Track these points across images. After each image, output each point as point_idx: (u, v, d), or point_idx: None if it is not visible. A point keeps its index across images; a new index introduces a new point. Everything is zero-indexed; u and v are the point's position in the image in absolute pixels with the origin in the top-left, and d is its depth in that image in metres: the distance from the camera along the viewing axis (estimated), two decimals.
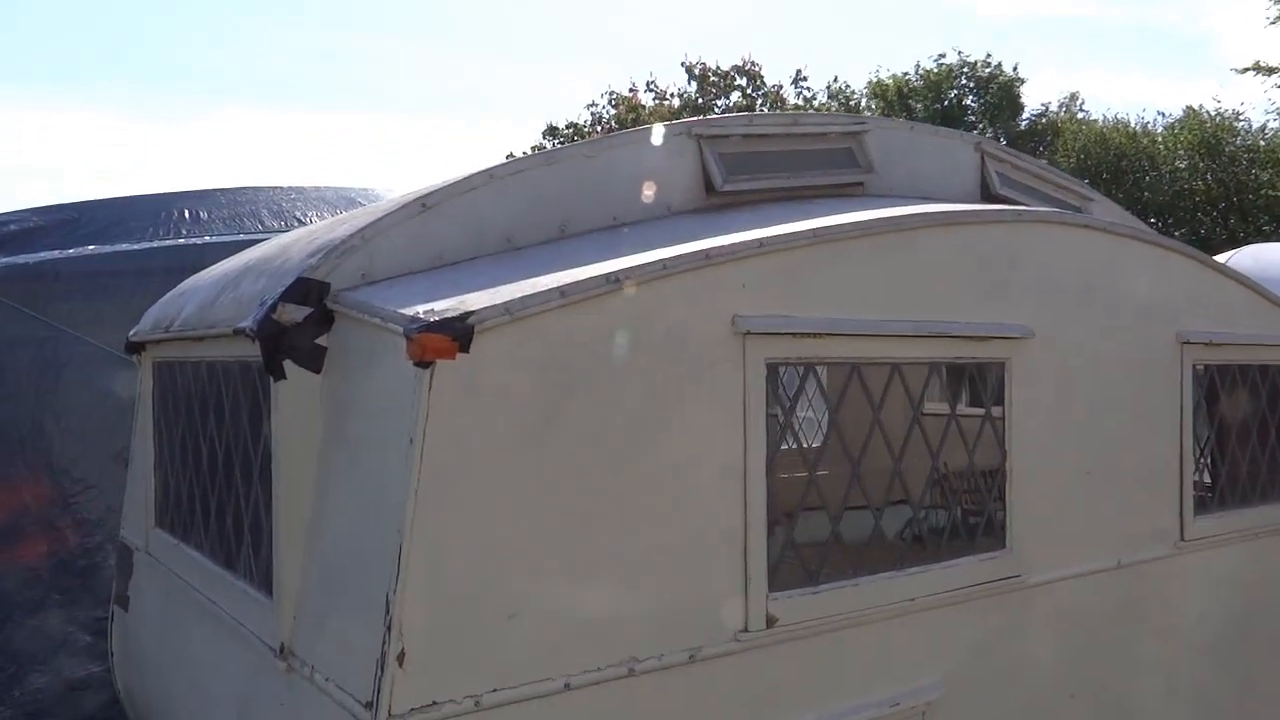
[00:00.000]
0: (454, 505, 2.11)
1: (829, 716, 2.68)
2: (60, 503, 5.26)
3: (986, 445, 3.08)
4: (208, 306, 3.14)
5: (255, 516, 2.79)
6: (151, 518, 3.79)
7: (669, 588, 2.40)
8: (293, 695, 2.46)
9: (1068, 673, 3.28)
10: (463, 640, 2.12)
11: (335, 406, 2.48)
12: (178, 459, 3.52)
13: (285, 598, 2.52)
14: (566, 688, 2.24)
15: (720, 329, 2.50)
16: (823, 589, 2.70)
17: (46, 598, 5.13)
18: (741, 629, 2.52)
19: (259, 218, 6.56)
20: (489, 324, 2.15)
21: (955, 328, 2.95)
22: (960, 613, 2.98)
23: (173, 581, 3.47)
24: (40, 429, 5.29)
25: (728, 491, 2.50)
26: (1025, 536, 3.13)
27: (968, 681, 2.99)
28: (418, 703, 2.05)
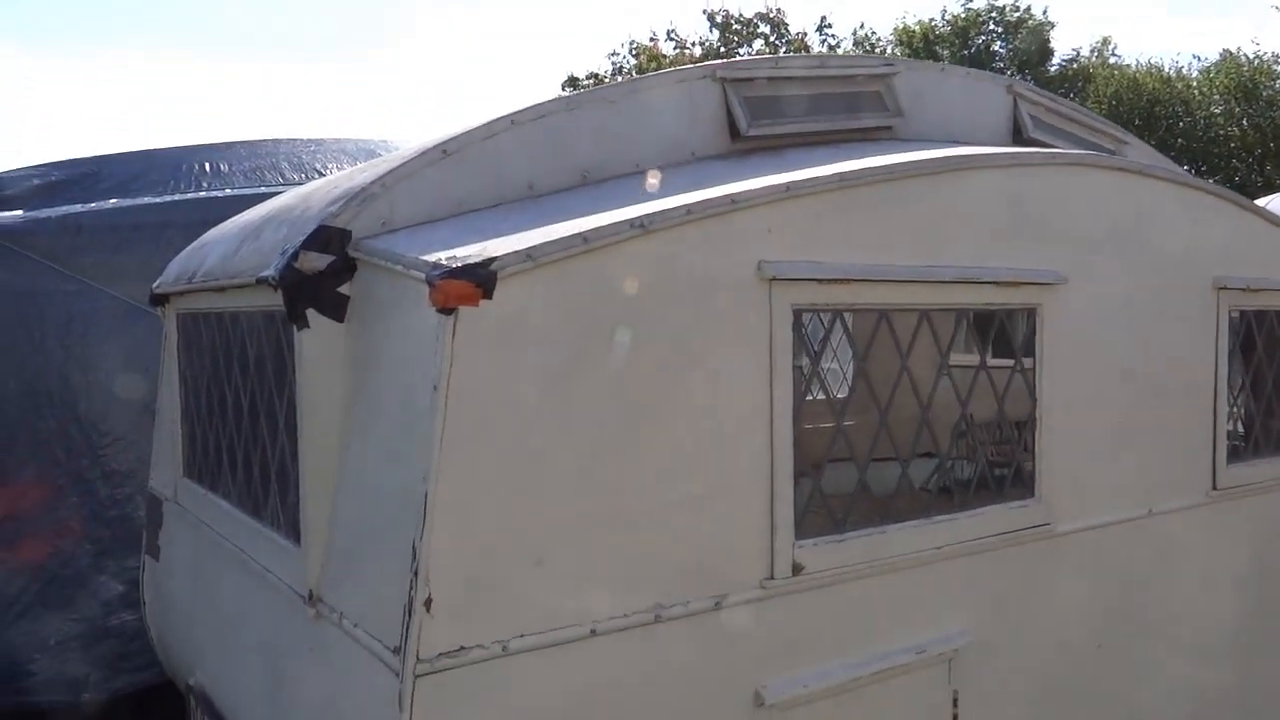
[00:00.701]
0: (479, 452, 2.09)
1: (855, 664, 2.68)
2: (89, 455, 5.32)
3: (1015, 396, 3.03)
4: (230, 257, 3.12)
5: (282, 465, 2.80)
6: (180, 468, 3.82)
7: (695, 535, 2.39)
8: (321, 641, 2.48)
9: (1096, 622, 3.26)
10: (489, 587, 2.12)
11: (359, 355, 2.47)
12: (204, 410, 3.54)
13: (313, 545, 2.53)
14: (593, 634, 2.24)
15: (746, 275, 2.46)
16: (849, 537, 2.68)
17: (79, 548, 5.21)
18: (768, 576, 2.51)
19: (279, 170, 6.53)
20: (512, 270, 2.12)
21: (985, 273, 2.90)
22: (988, 561, 2.96)
23: (202, 531, 3.50)
24: (67, 382, 5.33)
25: (754, 438, 2.48)
26: (1054, 484, 3.09)
27: (994, 630, 2.98)
28: (445, 648, 2.05)
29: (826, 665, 2.64)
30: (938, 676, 2.85)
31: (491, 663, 2.12)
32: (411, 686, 2.02)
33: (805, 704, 2.58)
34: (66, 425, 5.29)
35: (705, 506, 2.41)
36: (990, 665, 2.97)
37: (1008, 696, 3.03)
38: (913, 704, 2.81)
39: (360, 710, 2.25)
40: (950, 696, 2.88)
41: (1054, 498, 3.09)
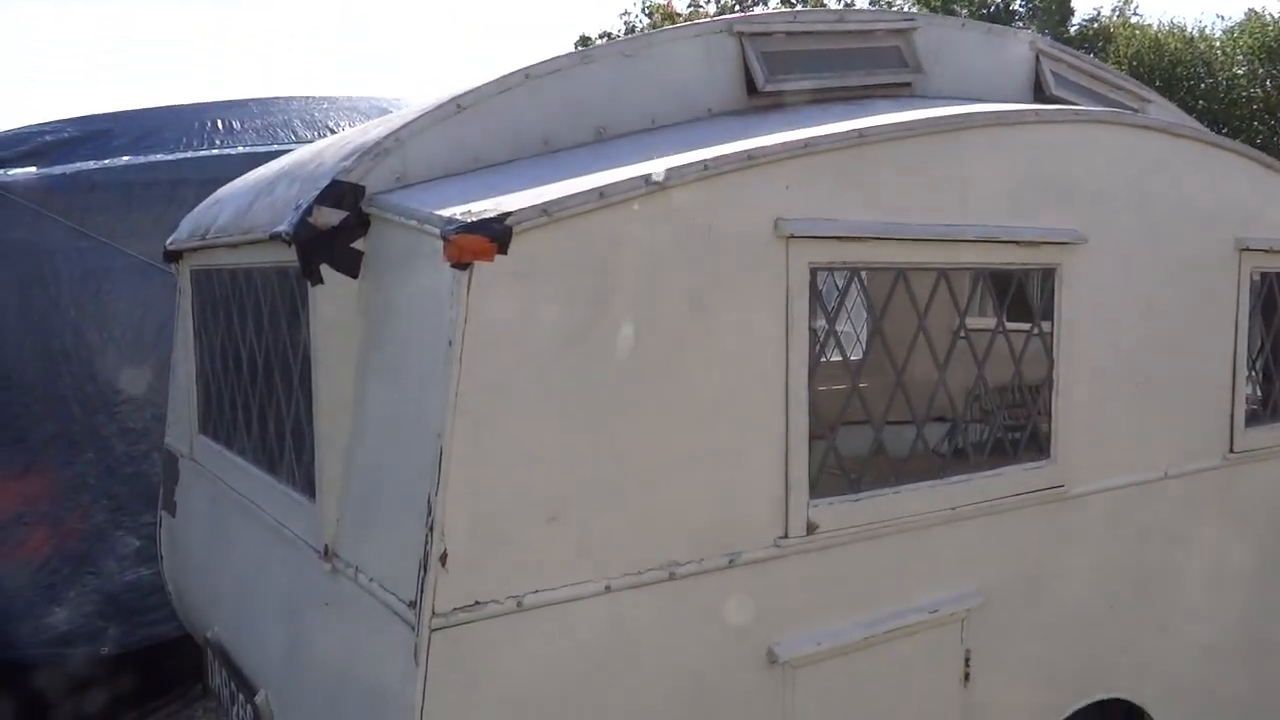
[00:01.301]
0: (494, 408, 2.09)
1: (867, 622, 2.68)
2: (105, 412, 5.36)
3: (1032, 359, 3.01)
4: (243, 213, 3.11)
5: (296, 421, 2.81)
6: (195, 425, 3.84)
7: (710, 493, 2.39)
8: (337, 595, 2.50)
9: (1109, 584, 3.26)
10: (504, 542, 2.12)
11: (373, 311, 2.46)
12: (219, 366, 3.55)
13: (328, 501, 2.54)
14: (607, 590, 2.25)
15: (763, 232, 2.44)
16: (863, 496, 2.67)
17: (95, 504, 5.26)
18: (781, 535, 2.51)
19: (291, 128, 6.50)
20: (527, 225, 2.10)
21: (1005, 232, 2.86)
22: (1002, 522, 2.95)
23: (218, 486, 3.53)
24: (83, 339, 5.35)
25: (769, 397, 2.47)
26: (1070, 446, 3.08)
27: (1007, 590, 2.98)
28: (461, 602, 2.06)
29: (839, 624, 2.64)
30: (950, 636, 2.86)
31: (506, 618, 2.13)
32: (427, 640, 2.03)
33: (817, 662, 2.60)
34: (82, 383, 5.32)
35: (720, 465, 2.41)
36: (1003, 625, 2.98)
37: (1020, 656, 3.04)
38: (925, 663, 2.82)
39: (376, 663, 2.27)
40: (963, 656, 2.89)
41: (1069, 459, 3.08)
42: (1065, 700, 3.18)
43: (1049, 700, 3.15)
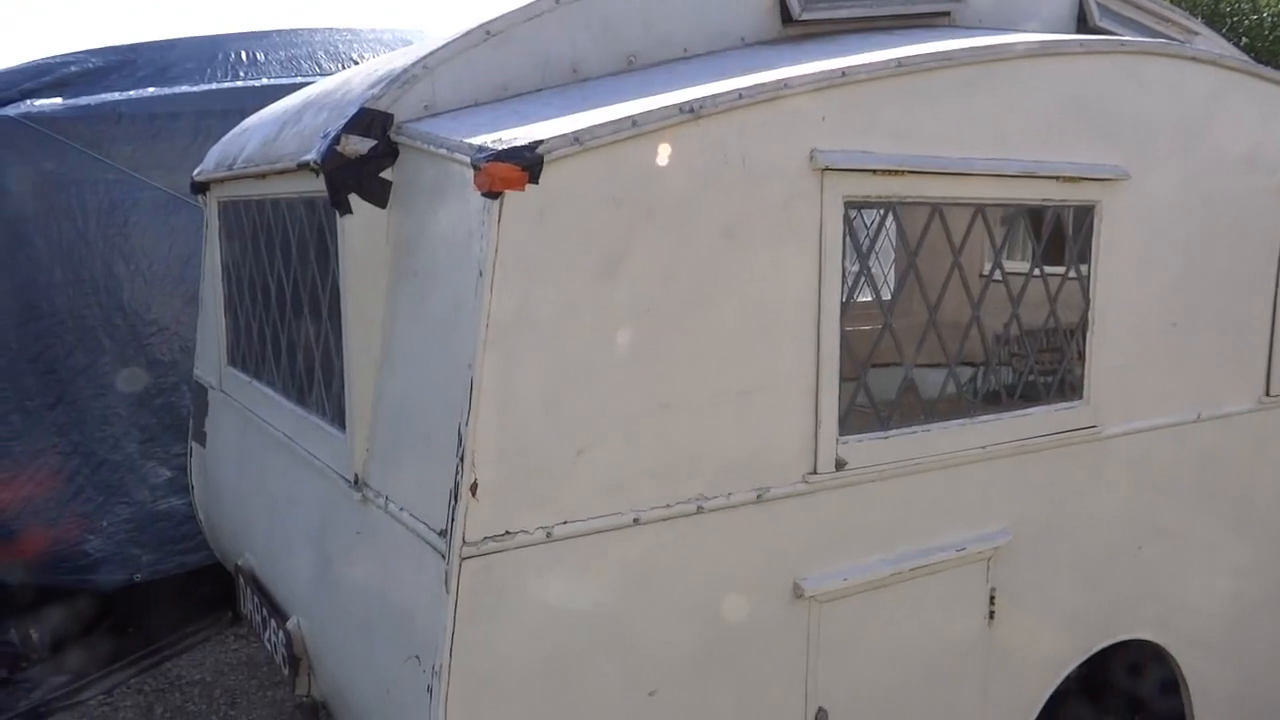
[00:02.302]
0: (524, 338, 2.08)
1: (894, 559, 2.69)
2: (135, 344, 5.40)
3: (1066, 301, 2.96)
4: (270, 142, 3.08)
5: (326, 352, 2.81)
6: (224, 357, 3.86)
7: (739, 427, 2.38)
8: (368, 524, 2.52)
9: (1137, 526, 3.24)
10: (534, 473, 2.12)
11: (402, 241, 2.45)
12: (247, 298, 3.55)
13: (358, 431, 2.55)
14: (635, 522, 2.25)
15: (798, 164, 2.39)
16: (893, 434, 2.66)
17: (126, 434, 5.33)
18: (811, 471, 2.51)
19: (315, 60, 6.44)
20: (558, 154, 2.06)
21: (1044, 167, 2.79)
22: (1032, 462, 2.93)
23: (247, 417, 3.55)
24: (111, 271, 5.38)
25: (801, 331, 2.44)
26: (1103, 387, 3.04)
27: (1035, 530, 2.97)
28: (491, 532, 2.07)
29: (866, 560, 2.65)
30: (976, 574, 2.86)
31: (535, 548, 2.14)
32: (458, 568, 2.05)
33: (843, 597, 2.60)
34: (112, 314, 5.36)
35: (750, 399, 2.39)
36: (1029, 565, 2.97)
37: (1045, 596, 3.04)
38: (950, 601, 2.83)
39: (406, 592, 2.30)
40: (988, 594, 2.89)
41: (1102, 400, 3.04)
42: (1089, 640, 3.19)
43: (1073, 640, 3.15)
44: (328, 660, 2.81)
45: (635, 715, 2.31)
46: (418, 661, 2.17)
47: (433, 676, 2.08)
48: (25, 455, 5.11)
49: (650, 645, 2.31)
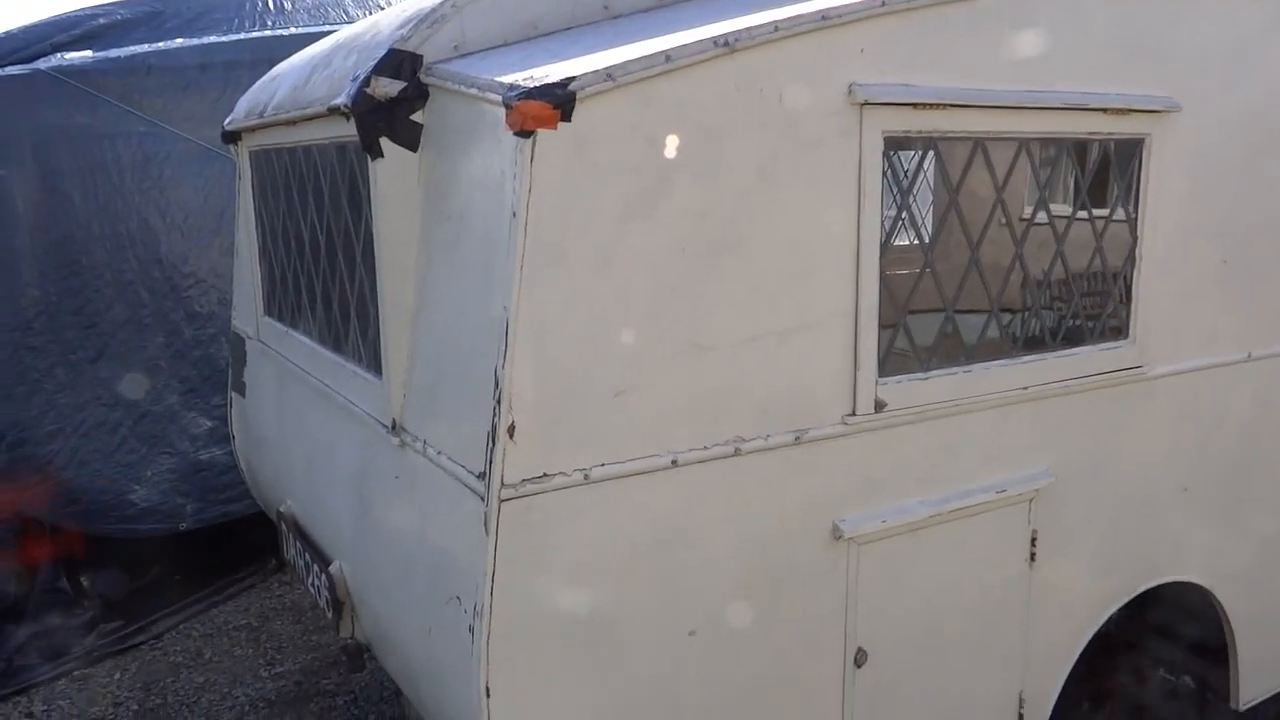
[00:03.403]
0: (559, 279, 2.06)
1: (933, 502, 2.66)
2: (173, 296, 5.45)
3: (1112, 240, 2.88)
4: (300, 88, 3.06)
5: (361, 299, 2.81)
6: (260, 307, 3.88)
7: (777, 369, 2.35)
8: (406, 469, 2.53)
9: (1183, 468, 3.19)
10: (571, 415, 2.12)
11: (435, 184, 2.42)
12: (281, 247, 3.55)
13: (394, 376, 2.56)
14: (673, 464, 2.24)
15: (836, 98, 2.33)
16: (933, 375, 2.62)
17: (167, 386, 5.40)
18: (849, 413, 2.48)
19: (343, 7, 6.39)
20: (591, 91, 2.02)
21: (1092, 99, 2.70)
22: (1076, 403, 2.88)
23: (285, 366, 3.58)
24: (147, 224, 5.42)
25: (840, 271, 2.40)
26: (1150, 326, 2.97)
27: (1078, 471, 2.93)
28: (529, 474, 2.07)
29: (905, 501, 2.62)
30: (1017, 516, 2.83)
31: (573, 490, 2.14)
32: (496, 511, 2.05)
33: (882, 539, 2.59)
34: (149, 268, 5.41)
35: (788, 340, 2.36)
36: (1071, 506, 2.94)
37: (1087, 537, 3.01)
38: (990, 543, 2.80)
39: (446, 534, 2.31)
40: (1029, 536, 2.86)
41: (1149, 340, 2.98)
42: (1133, 582, 3.16)
43: (1115, 582, 3.13)
44: (370, 603, 2.85)
45: (674, 654, 2.32)
46: (458, 602, 2.18)
47: (474, 617, 2.10)
48: (70, 408, 5.20)
49: (689, 586, 2.31)
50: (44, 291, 5.20)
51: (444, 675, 2.33)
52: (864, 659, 2.62)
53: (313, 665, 4.75)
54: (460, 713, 2.23)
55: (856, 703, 2.64)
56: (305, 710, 4.38)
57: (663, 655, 2.30)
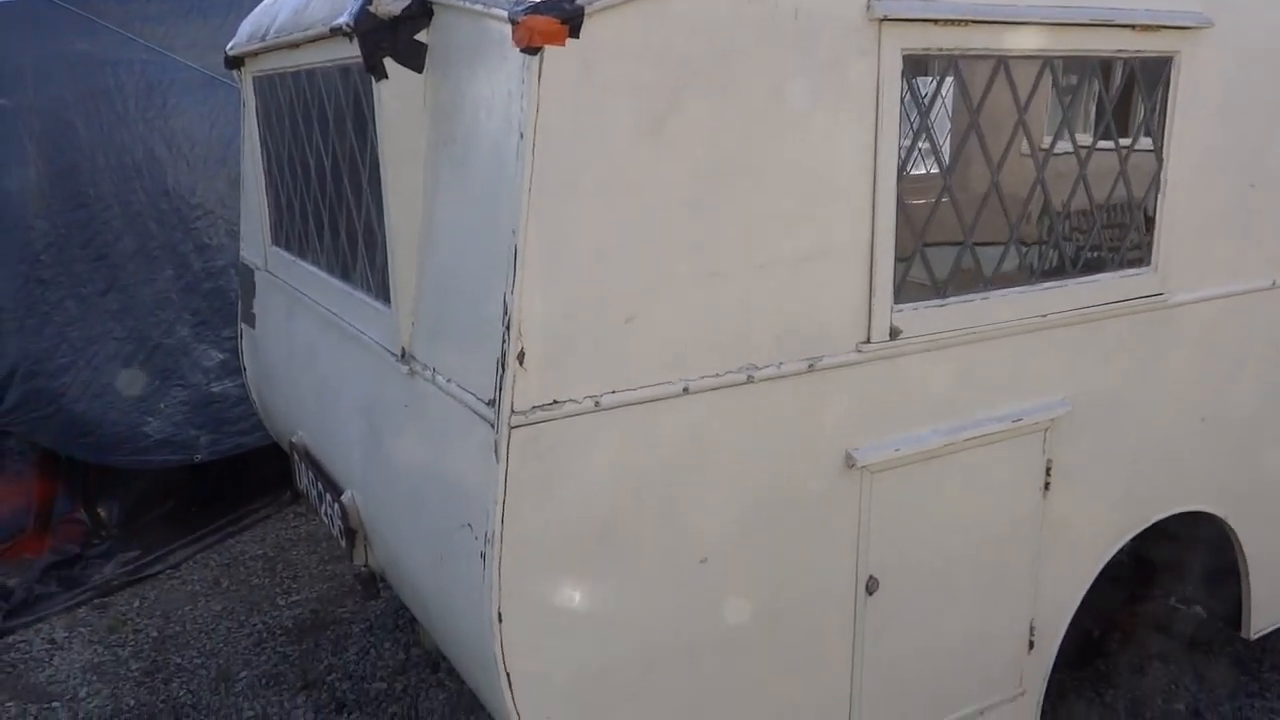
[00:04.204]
0: (568, 202, 2.01)
1: (947, 430, 2.64)
2: (181, 228, 5.41)
3: (1137, 166, 2.80)
4: (301, 9, 2.98)
5: (368, 226, 2.77)
6: (268, 236, 3.84)
7: (790, 295, 2.31)
8: (416, 397, 2.51)
9: (1202, 397, 3.15)
10: (581, 342, 2.08)
11: (440, 107, 2.36)
12: (287, 175, 3.50)
13: (403, 304, 2.53)
14: (685, 392, 2.22)
15: (854, 14, 2.24)
16: (950, 302, 2.57)
17: (178, 319, 5.39)
18: (864, 340, 2.44)
19: None
20: (600, 5, 1.95)
21: (1119, 15, 2.60)
22: (1095, 330, 2.83)
23: (294, 297, 3.55)
24: (153, 155, 5.36)
25: (856, 194, 2.34)
26: (1173, 253, 2.91)
27: (1095, 400, 2.90)
28: (539, 401, 2.05)
29: (919, 430, 2.60)
30: (1032, 446, 2.81)
31: (584, 417, 2.11)
32: (507, 438, 2.04)
33: (895, 467, 2.57)
34: (157, 199, 5.36)
35: (802, 266, 2.32)
36: (1088, 436, 2.91)
37: (1104, 467, 2.98)
38: (1005, 472, 2.78)
39: (457, 462, 2.30)
40: (1044, 465, 2.84)
41: (1171, 267, 2.92)
42: (1147, 512, 3.14)
43: (1130, 512, 3.11)
44: (382, 531, 2.86)
45: (685, 582, 2.32)
46: (469, 529, 2.18)
47: (485, 544, 2.10)
48: (82, 341, 5.20)
49: (700, 514, 2.30)
50: (52, 224, 5.16)
51: (456, 602, 2.34)
52: (875, 587, 2.62)
53: (329, 594, 4.81)
54: (472, 639, 2.25)
55: (867, 629, 2.64)
56: (321, 637, 4.45)
57: (674, 583, 2.30)
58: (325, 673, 4.17)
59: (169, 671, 4.24)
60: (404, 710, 3.90)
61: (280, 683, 4.12)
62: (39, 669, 4.29)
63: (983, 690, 2.95)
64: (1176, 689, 3.91)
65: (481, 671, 2.27)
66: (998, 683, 2.98)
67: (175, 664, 4.29)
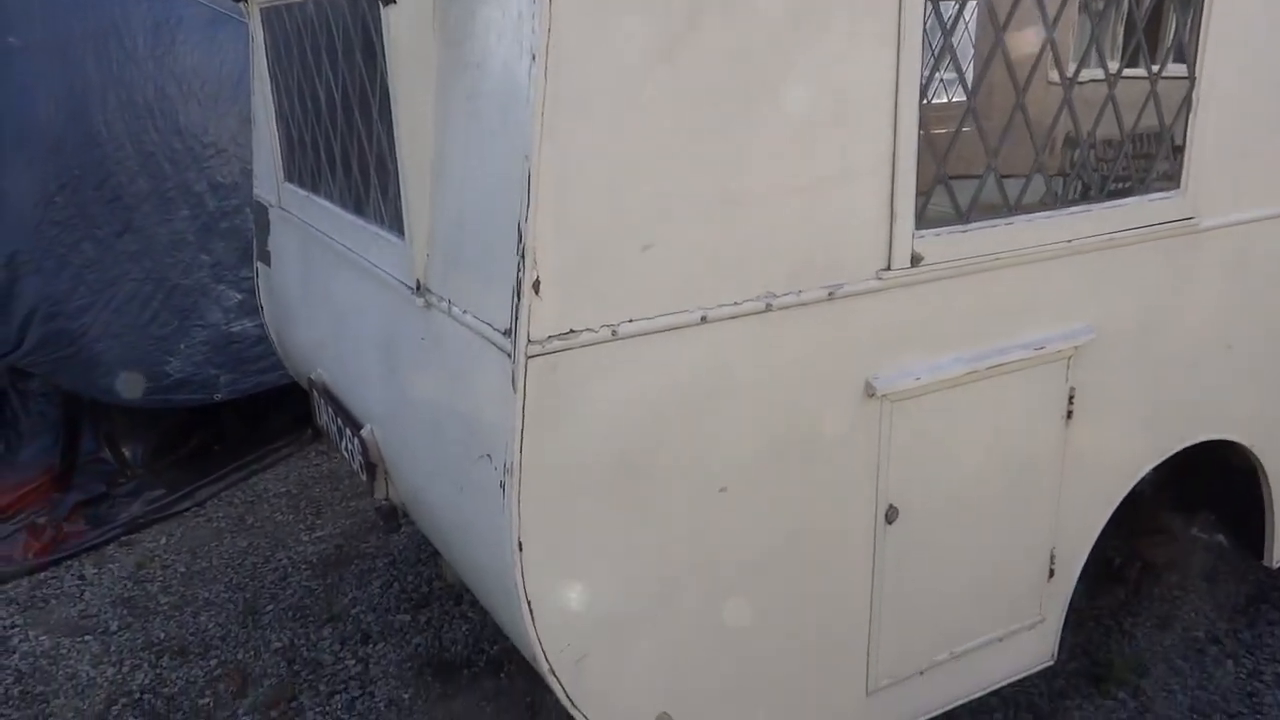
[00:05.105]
0: (583, 126, 1.96)
1: (969, 358, 2.60)
2: (195, 168, 5.38)
3: (1167, 87, 2.71)
4: None
5: (380, 158, 2.73)
6: (280, 173, 3.81)
7: (810, 221, 2.27)
8: (432, 330, 2.50)
9: (1230, 324, 3.10)
10: (597, 270, 2.06)
11: (450, 30, 2.31)
12: (298, 109, 3.46)
13: (417, 236, 2.50)
14: (703, 320, 2.19)
15: None
16: (973, 227, 2.52)
17: (195, 259, 5.39)
18: (884, 267, 2.40)
19: None
20: None
21: None
22: (1121, 256, 2.78)
23: (308, 233, 3.53)
24: (164, 94, 5.30)
25: (876, 116, 2.28)
26: (1204, 175, 2.83)
27: (1120, 328, 2.85)
28: (555, 330, 2.03)
29: (940, 358, 2.57)
30: (1055, 373, 2.77)
31: (601, 346, 2.09)
32: (524, 367, 2.02)
33: (915, 396, 2.55)
34: (169, 138, 5.33)
35: (821, 191, 2.27)
36: (1112, 364, 2.87)
37: (1128, 395, 2.95)
38: (1027, 400, 2.75)
39: (474, 394, 2.29)
40: (1067, 394, 2.81)
41: (1202, 190, 2.85)
42: (1171, 440, 3.12)
43: (1154, 440, 3.08)
44: (402, 464, 2.87)
45: (704, 511, 2.31)
46: (489, 460, 2.18)
47: (504, 474, 2.09)
48: (100, 283, 5.21)
49: (720, 443, 2.29)
50: (65, 165, 5.14)
51: (477, 533, 2.35)
52: (895, 516, 2.61)
53: (352, 530, 4.87)
54: (493, 568, 2.26)
55: (886, 559, 2.64)
56: (346, 571, 4.51)
57: (693, 512, 2.30)
58: (350, 605, 4.23)
59: (197, 605, 4.32)
60: (428, 641, 3.97)
61: (306, 615, 4.19)
62: (70, 604, 4.38)
63: (1002, 618, 2.96)
64: (1196, 617, 3.92)
65: (503, 601, 2.29)
66: (1017, 610, 2.98)
67: (203, 598, 4.37)
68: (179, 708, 3.67)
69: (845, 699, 2.72)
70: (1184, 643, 3.77)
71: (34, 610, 4.34)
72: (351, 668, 3.83)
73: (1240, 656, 3.69)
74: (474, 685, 3.69)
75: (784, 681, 2.59)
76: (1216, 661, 3.67)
